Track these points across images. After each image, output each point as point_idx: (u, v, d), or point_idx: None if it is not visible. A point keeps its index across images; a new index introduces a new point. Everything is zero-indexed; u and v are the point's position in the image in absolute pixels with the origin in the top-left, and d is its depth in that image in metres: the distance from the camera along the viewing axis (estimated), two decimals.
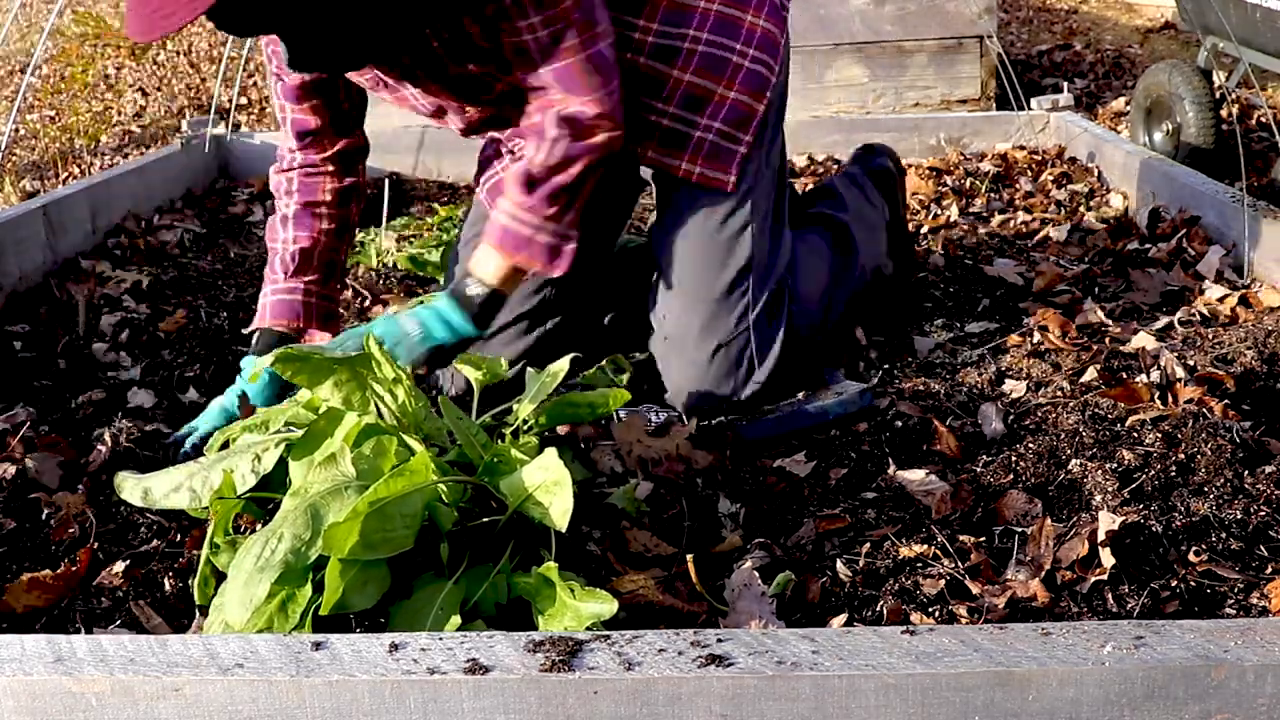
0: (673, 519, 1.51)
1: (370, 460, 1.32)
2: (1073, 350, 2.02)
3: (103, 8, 7.16)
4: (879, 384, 1.92)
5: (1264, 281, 2.35)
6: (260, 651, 1.05)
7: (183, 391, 2.07)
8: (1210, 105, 3.51)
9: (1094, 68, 5.80)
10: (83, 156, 4.80)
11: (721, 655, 1.01)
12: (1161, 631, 1.02)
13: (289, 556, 1.19)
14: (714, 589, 1.34)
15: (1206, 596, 1.28)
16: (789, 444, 1.72)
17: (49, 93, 5.76)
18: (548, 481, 1.28)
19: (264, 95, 5.53)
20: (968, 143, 3.78)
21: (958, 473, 1.59)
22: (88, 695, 1.03)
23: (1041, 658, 0.99)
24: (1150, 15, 7.13)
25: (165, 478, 1.41)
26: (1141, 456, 1.54)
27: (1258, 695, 0.99)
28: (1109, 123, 4.63)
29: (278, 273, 1.91)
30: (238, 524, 1.49)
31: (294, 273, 1.91)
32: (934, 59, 4.50)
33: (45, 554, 1.52)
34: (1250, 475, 1.48)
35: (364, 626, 1.28)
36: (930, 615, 1.27)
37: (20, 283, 2.60)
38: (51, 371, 2.18)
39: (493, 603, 1.27)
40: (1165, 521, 1.38)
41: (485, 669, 1.01)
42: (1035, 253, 2.73)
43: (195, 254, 3.03)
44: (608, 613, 1.17)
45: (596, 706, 1.00)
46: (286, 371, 1.39)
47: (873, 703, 0.99)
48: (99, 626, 1.34)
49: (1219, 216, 2.56)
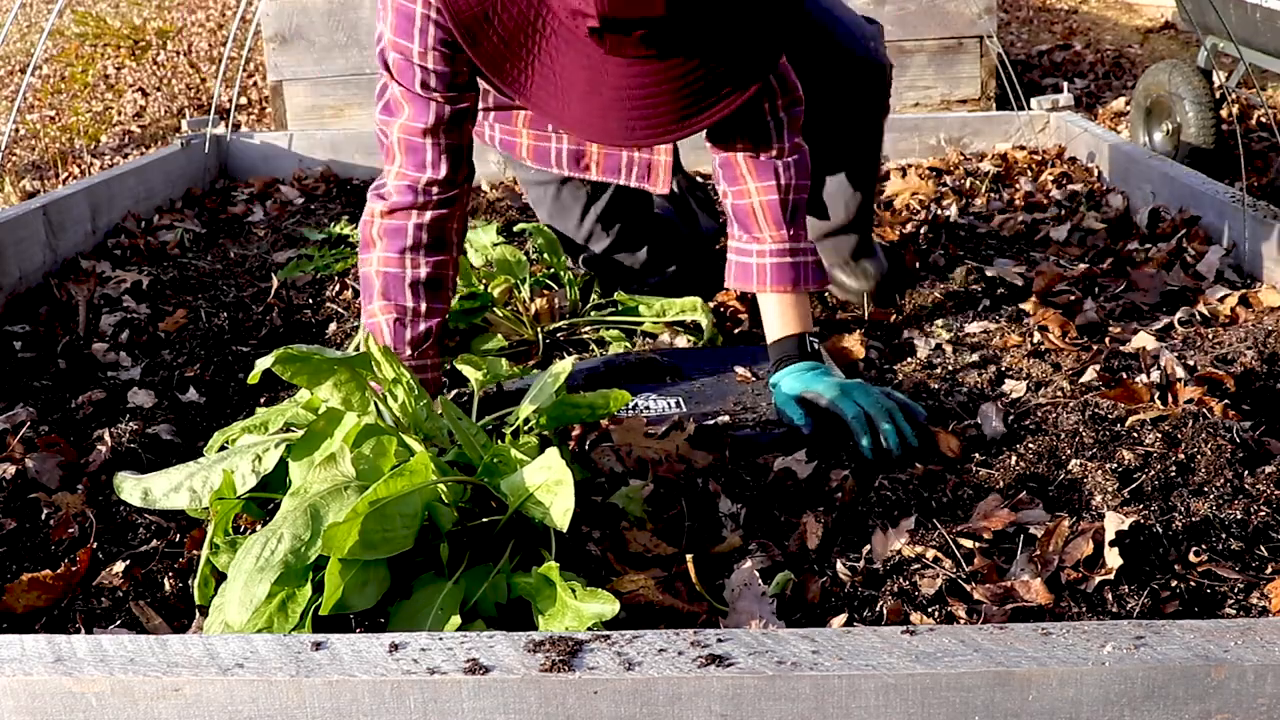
0: (673, 519, 1.51)
1: (370, 460, 1.32)
2: (1073, 350, 2.02)
3: (103, 8, 7.16)
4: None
5: (1264, 281, 2.35)
6: (260, 651, 1.05)
7: (183, 391, 2.07)
8: (1210, 105, 3.51)
9: (1094, 68, 5.80)
10: (83, 156, 4.81)
11: (721, 655, 1.01)
12: (1161, 631, 1.02)
13: (289, 556, 1.19)
14: (714, 589, 1.34)
15: (1206, 596, 1.28)
16: (789, 444, 1.72)
17: (49, 93, 5.76)
18: (549, 481, 1.27)
19: (264, 95, 5.53)
20: (968, 143, 3.78)
21: (958, 473, 1.58)
22: (88, 695, 1.03)
23: (1041, 658, 0.99)
24: (1150, 15, 7.13)
25: (165, 478, 1.41)
26: (1141, 456, 1.54)
27: (1258, 695, 0.99)
28: (1109, 123, 4.63)
29: (403, 348, 1.76)
30: (238, 524, 1.49)
31: (424, 352, 1.78)
32: (934, 59, 4.50)
33: (45, 554, 1.52)
34: (1250, 475, 1.48)
35: (364, 626, 1.28)
36: (930, 615, 1.27)
37: (20, 283, 2.60)
38: (51, 371, 2.18)
39: (493, 603, 1.27)
40: (1165, 522, 1.38)
41: (485, 669, 1.01)
42: (1035, 253, 2.73)
43: (195, 254, 3.03)
44: (609, 613, 1.17)
45: (596, 706, 1.00)
46: (286, 372, 1.39)
47: (873, 703, 0.99)
48: (99, 626, 1.34)
49: (1219, 216, 2.56)
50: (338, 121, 4.55)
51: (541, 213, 2.37)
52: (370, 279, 1.77)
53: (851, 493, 1.53)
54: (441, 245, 1.78)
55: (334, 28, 4.48)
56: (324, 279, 2.75)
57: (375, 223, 1.77)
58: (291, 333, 2.40)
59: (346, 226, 3.11)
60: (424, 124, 1.71)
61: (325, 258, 2.89)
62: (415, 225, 1.75)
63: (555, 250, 2.36)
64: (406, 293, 1.75)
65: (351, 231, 3.07)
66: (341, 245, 3.02)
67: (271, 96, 4.59)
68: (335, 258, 2.88)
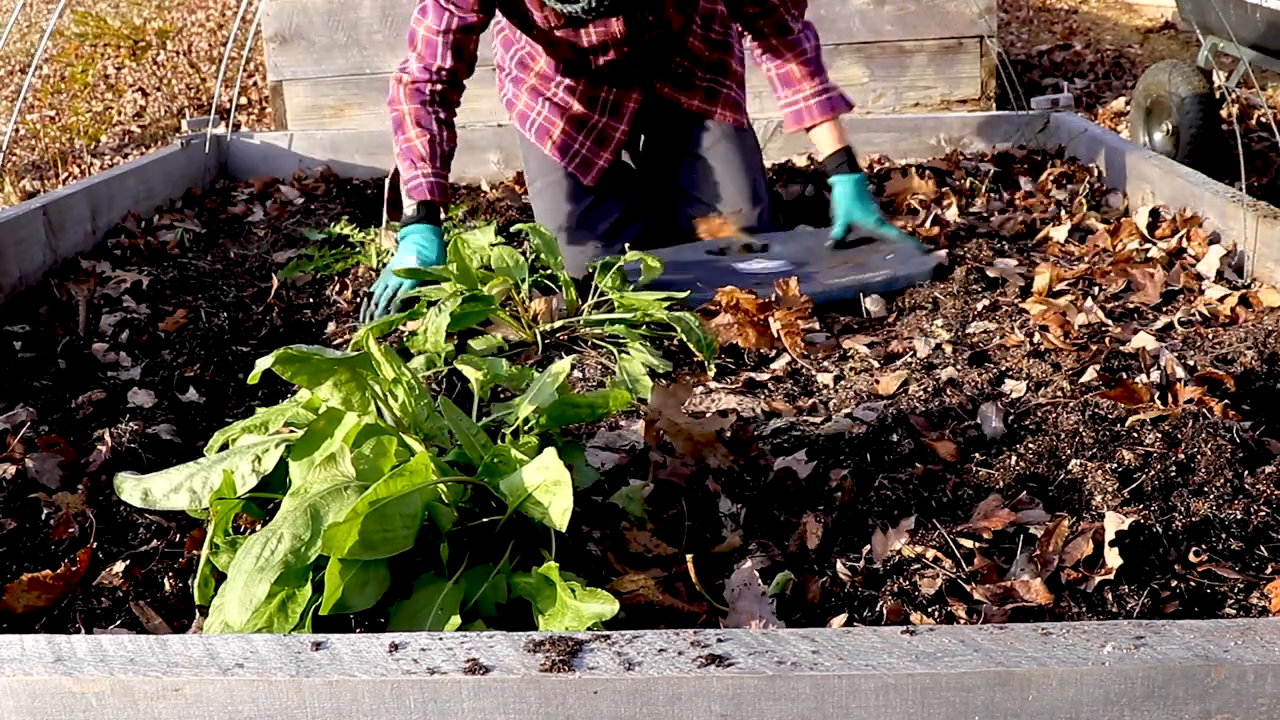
0: (673, 519, 1.51)
1: (370, 460, 1.32)
2: (1073, 350, 2.02)
3: (103, 8, 7.16)
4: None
5: (1264, 281, 2.35)
6: (260, 651, 1.05)
7: (183, 391, 2.07)
8: (1210, 105, 3.51)
9: (1094, 68, 5.80)
10: (83, 156, 4.81)
11: (721, 655, 1.01)
12: (1161, 631, 1.02)
13: (289, 557, 1.19)
14: (714, 589, 1.34)
15: (1206, 596, 1.28)
16: (789, 443, 1.72)
17: (49, 93, 5.76)
18: (548, 481, 1.28)
19: (264, 95, 5.53)
20: (968, 143, 3.78)
21: (958, 473, 1.59)
22: (88, 695, 1.03)
23: (1041, 658, 0.99)
24: (1150, 15, 7.13)
25: (165, 478, 1.41)
26: (1141, 456, 1.54)
27: (1258, 695, 0.99)
28: (1109, 123, 4.63)
29: (431, 164, 2.47)
30: (238, 524, 1.49)
31: (441, 165, 2.48)
32: (934, 59, 4.50)
33: (45, 554, 1.52)
34: (1250, 475, 1.48)
35: (364, 626, 1.28)
36: (930, 615, 1.27)
37: (20, 283, 2.60)
38: (51, 371, 2.18)
39: (493, 603, 1.27)
40: (1165, 521, 1.38)
41: (485, 669, 1.01)
42: (1035, 253, 2.73)
43: (195, 254, 3.03)
44: (609, 613, 1.17)
45: (596, 706, 1.00)
46: (286, 372, 1.39)
47: (873, 703, 0.99)
48: (99, 626, 1.34)
49: (1219, 216, 2.56)
50: (338, 121, 4.55)
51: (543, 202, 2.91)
52: (402, 117, 2.48)
53: (851, 492, 1.53)
54: (449, 106, 2.53)
55: (334, 28, 4.48)
56: (324, 279, 2.75)
57: (401, 89, 2.50)
58: (291, 333, 2.40)
59: (346, 226, 3.11)
60: (439, 27, 2.45)
61: (325, 258, 2.89)
62: (431, 91, 2.49)
63: (553, 250, 2.36)
64: (434, 124, 2.48)
65: (351, 231, 3.07)
66: (341, 245, 3.02)
67: (271, 96, 4.59)
68: (335, 258, 2.88)
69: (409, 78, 2.49)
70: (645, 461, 1.65)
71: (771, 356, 2.17)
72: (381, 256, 2.85)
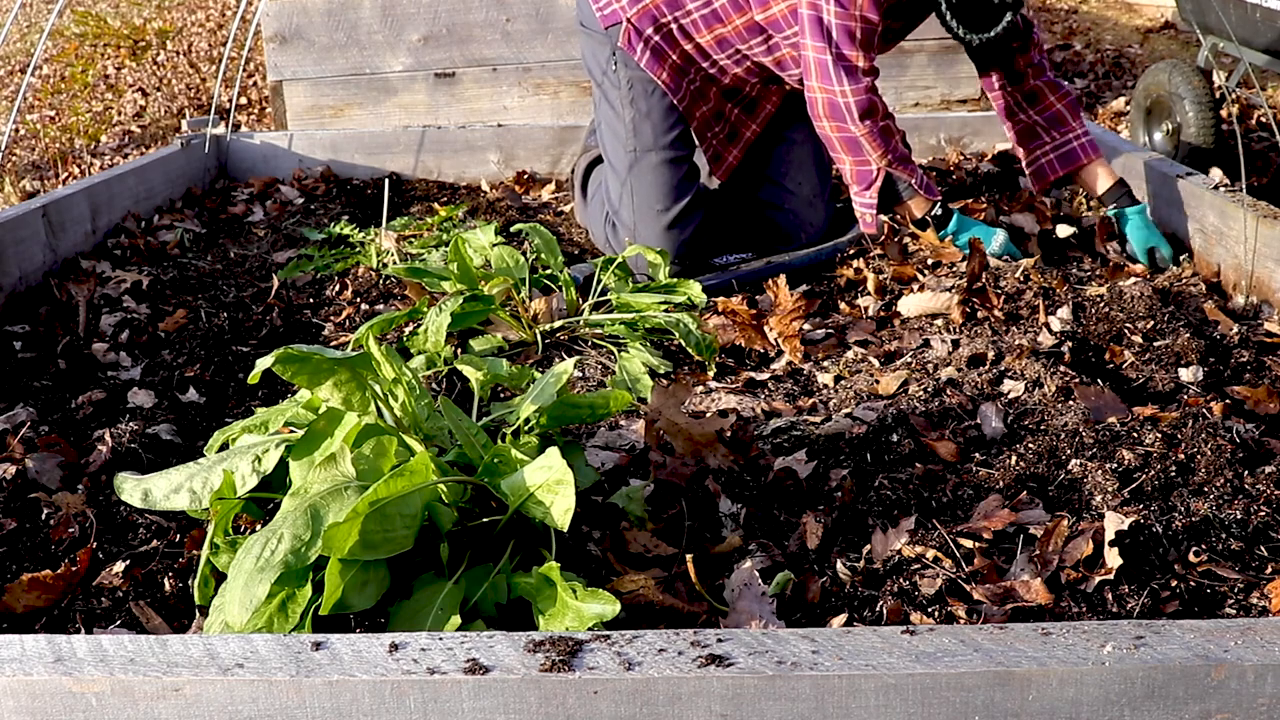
0: (673, 519, 1.51)
1: (370, 460, 1.32)
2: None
3: (103, 8, 7.16)
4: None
5: (1264, 282, 2.35)
6: (260, 651, 1.05)
7: (183, 391, 2.07)
8: (1210, 105, 3.51)
9: (1094, 68, 5.80)
10: (83, 156, 4.81)
11: (721, 655, 1.01)
12: (1161, 631, 1.02)
13: (289, 557, 1.19)
14: (714, 589, 1.34)
15: (1206, 596, 1.28)
16: (789, 443, 1.72)
17: (49, 93, 5.76)
18: (550, 481, 1.27)
19: (264, 95, 5.53)
20: (968, 143, 3.78)
21: (958, 473, 1.59)
22: (88, 695, 1.03)
23: (1041, 657, 0.99)
24: (1150, 15, 7.13)
25: (165, 479, 1.41)
26: (1141, 456, 1.54)
27: (1258, 695, 0.99)
28: (1109, 123, 4.63)
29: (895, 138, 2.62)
30: (238, 524, 1.49)
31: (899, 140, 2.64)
32: (934, 59, 4.50)
33: (45, 554, 1.52)
34: (1250, 475, 1.48)
35: (364, 626, 1.28)
36: (930, 615, 1.27)
37: (20, 283, 2.60)
38: (51, 371, 2.18)
39: (493, 603, 1.27)
40: (1165, 522, 1.38)
41: (485, 669, 1.01)
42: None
43: (195, 254, 3.03)
44: (610, 613, 1.17)
45: (596, 706, 1.00)
46: (286, 372, 1.39)
47: (873, 703, 0.99)
48: (99, 626, 1.34)
49: (1219, 216, 2.56)
50: (338, 121, 4.55)
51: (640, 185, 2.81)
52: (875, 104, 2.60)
53: (851, 492, 1.53)
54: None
55: (334, 28, 4.48)
56: (324, 279, 2.74)
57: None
58: (291, 333, 2.40)
59: (346, 226, 3.11)
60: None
61: (325, 258, 2.89)
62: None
63: (553, 250, 2.36)
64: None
65: (351, 231, 3.07)
66: (341, 245, 3.02)
67: (271, 96, 4.59)
68: (335, 258, 2.88)
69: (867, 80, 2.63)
70: (645, 461, 1.65)
71: (772, 356, 2.17)
72: (381, 256, 2.85)
